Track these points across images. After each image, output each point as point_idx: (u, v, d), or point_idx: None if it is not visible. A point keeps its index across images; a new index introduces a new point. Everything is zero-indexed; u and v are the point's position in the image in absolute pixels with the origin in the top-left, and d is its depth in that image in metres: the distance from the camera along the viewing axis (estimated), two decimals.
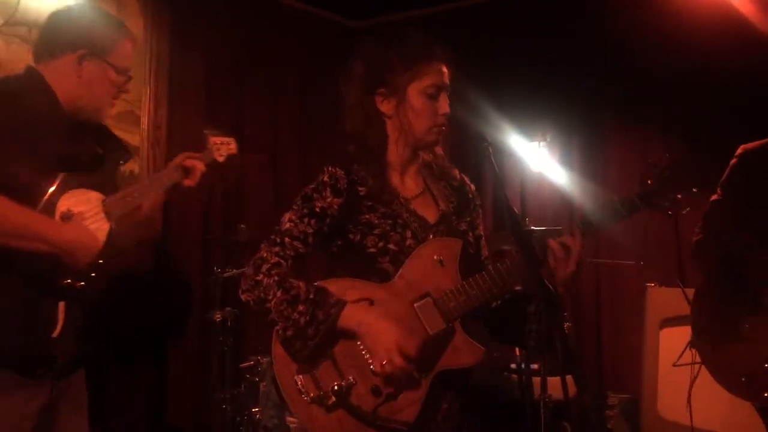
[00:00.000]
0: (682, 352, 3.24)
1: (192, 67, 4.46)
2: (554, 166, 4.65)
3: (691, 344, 2.94)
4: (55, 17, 2.14)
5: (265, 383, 3.66)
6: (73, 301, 2.00)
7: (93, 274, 2.02)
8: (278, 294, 1.78)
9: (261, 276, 1.81)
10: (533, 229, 3.54)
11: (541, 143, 4.55)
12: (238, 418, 3.75)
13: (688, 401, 3.19)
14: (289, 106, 5.09)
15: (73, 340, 2.05)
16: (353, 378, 1.76)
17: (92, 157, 2.15)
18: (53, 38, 2.10)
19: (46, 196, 1.98)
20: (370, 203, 1.87)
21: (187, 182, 2.36)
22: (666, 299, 3.66)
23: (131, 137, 4.11)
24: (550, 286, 1.55)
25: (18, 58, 3.68)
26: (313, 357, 1.77)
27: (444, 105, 1.89)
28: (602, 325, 4.58)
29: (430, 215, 1.92)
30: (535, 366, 3.76)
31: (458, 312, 1.79)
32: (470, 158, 2.60)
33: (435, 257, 1.83)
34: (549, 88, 4.64)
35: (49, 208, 1.99)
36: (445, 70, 1.91)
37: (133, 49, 2.22)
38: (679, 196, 1.83)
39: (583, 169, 4.72)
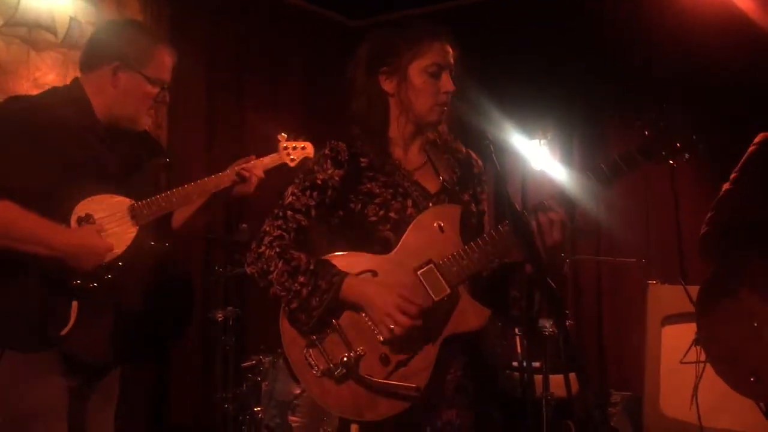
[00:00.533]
0: (688, 349, 3.21)
1: (192, 65, 4.45)
2: (555, 164, 4.65)
3: (697, 341, 2.91)
4: (96, 31, 2.31)
5: (267, 382, 3.66)
6: (88, 301, 2.08)
7: (108, 276, 2.11)
8: (279, 265, 1.82)
9: (263, 248, 1.85)
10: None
11: (542, 141, 4.55)
12: (240, 418, 3.75)
13: (694, 398, 3.16)
14: (290, 104, 5.08)
15: (102, 341, 2.15)
16: (362, 349, 1.78)
17: (125, 164, 2.23)
18: (92, 51, 2.24)
19: (66, 201, 2.09)
20: (371, 173, 1.90)
21: (241, 188, 2.44)
22: (668, 296, 3.66)
23: None
24: (553, 285, 1.54)
25: (18, 59, 3.69)
26: (321, 330, 1.79)
27: (447, 83, 1.90)
28: (604, 322, 4.58)
29: (432, 185, 1.94)
30: (536, 364, 3.77)
31: (462, 276, 1.79)
32: None
33: (435, 224, 1.84)
34: (550, 86, 4.64)
35: (66, 213, 2.09)
36: (449, 50, 1.92)
37: (171, 61, 2.31)
38: (678, 144, 1.84)
39: (584, 166, 4.69)
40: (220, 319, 3.79)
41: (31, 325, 2.03)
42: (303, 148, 2.75)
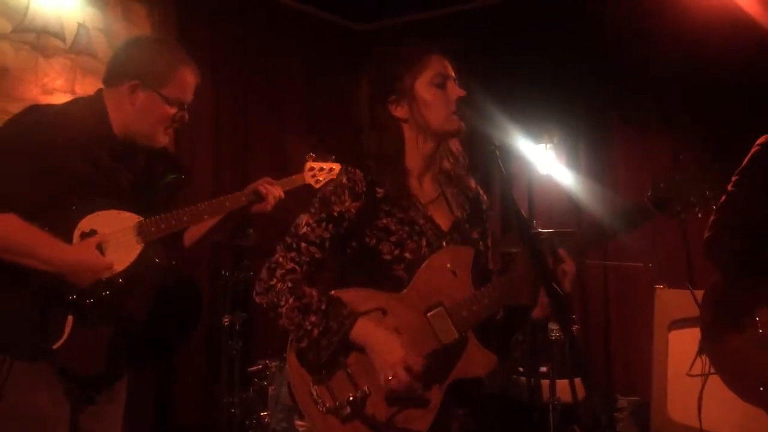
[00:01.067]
0: (693, 361, 3.18)
1: (198, 69, 4.47)
2: (561, 168, 4.65)
3: (701, 351, 2.87)
4: (121, 46, 2.28)
5: (273, 387, 3.66)
6: (84, 316, 2.07)
7: (106, 293, 2.10)
8: (290, 301, 1.80)
9: (275, 281, 1.83)
10: (541, 232, 3.56)
11: (548, 145, 4.55)
12: (247, 422, 3.75)
13: (699, 408, 3.14)
14: (294, 107, 5.10)
15: (98, 355, 2.14)
16: (367, 388, 1.77)
17: (136, 180, 2.22)
18: (113, 67, 2.24)
19: (70, 216, 2.09)
20: (387, 207, 1.87)
21: (259, 207, 2.42)
22: (675, 301, 3.65)
23: None
24: (559, 289, 1.54)
25: (26, 65, 3.71)
26: (328, 367, 1.78)
27: (454, 90, 1.89)
28: (611, 327, 4.57)
29: (444, 222, 1.92)
30: (543, 369, 3.76)
31: (471, 321, 1.79)
32: (478, 161, 2.59)
33: (448, 266, 1.83)
34: (555, 91, 4.64)
35: (70, 227, 2.09)
36: (445, 60, 1.93)
37: (194, 81, 2.29)
38: (692, 198, 1.85)
39: (590, 170, 4.71)
40: (226, 323, 3.79)
41: (26, 335, 2.03)
42: (330, 170, 2.70)
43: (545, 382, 3.66)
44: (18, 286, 2.03)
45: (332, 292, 1.84)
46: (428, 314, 1.79)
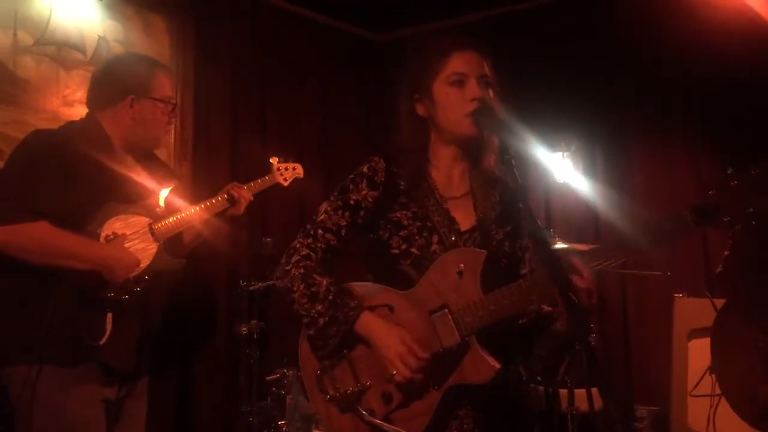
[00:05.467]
0: (700, 379, 3.18)
1: (217, 83, 4.52)
2: (578, 177, 4.63)
3: (711, 370, 2.86)
4: (102, 72, 2.48)
5: (291, 396, 3.67)
6: (121, 312, 2.24)
7: (137, 288, 2.29)
8: (301, 287, 1.84)
9: (290, 266, 1.87)
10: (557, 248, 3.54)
11: (565, 154, 4.54)
12: (265, 431, 3.76)
13: (712, 424, 3.12)
14: (312, 118, 5.12)
15: (131, 350, 2.32)
16: (368, 383, 1.79)
17: (141, 187, 2.43)
18: (105, 90, 2.43)
19: (93, 222, 2.28)
20: (404, 200, 1.86)
21: (232, 211, 2.65)
22: (694, 310, 3.60)
23: (158, 152, 4.17)
24: (575, 299, 1.52)
25: (48, 77, 3.77)
26: (334, 357, 1.82)
27: (473, 90, 1.83)
28: (630, 336, 4.53)
29: (465, 221, 1.88)
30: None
31: (474, 327, 1.75)
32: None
33: (457, 267, 1.79)
34: (572, 99, 4.63)
35: (94, 232, 2.28)
36: (474, 56, 1.87)
37: (169, 77, 2.52)
38: (750, 209, 1.59)
39: (608, 178, 4.69)
40: (244, 332, 3.81)
41: (70, 339, 2.17)
42: (294, 169, 3.07)
43: (564, 392, 3.65)
44: (50, 291, 2.16)
45: (346, 284, 1.87)
46: (432, 316, 1.78)
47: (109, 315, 2.22)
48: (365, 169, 1.89)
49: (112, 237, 2.29)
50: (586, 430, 3.46)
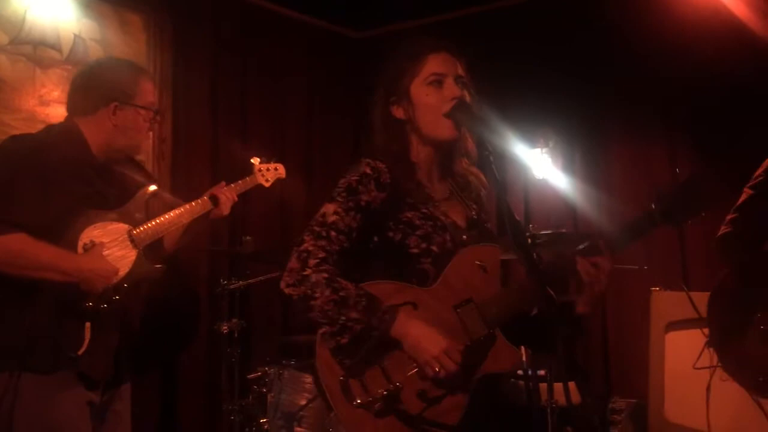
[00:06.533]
0: (701, 353, 3.23)
1: (196, 81, 4.50)
2: (557, 173, 4.67)
3: (709, 344, 2.96)
4: (84, 77, 2.45)
5: (272, 394, 3.67)
6: (99, 321, 2.23)
7: (116, 297, 2.27)
8: (326, 293, 1.74)
9: (309, 271, 1.76)
10: (537, 235, 3.57)
11: (544, 150, 4.56)
12: (247, 429, 3.76)
13: (706, 402, 3.19)
14: (294, 116, 5.11)
15: (109, 359, 2.31)
16: (400, 383, 1.76)
17: (120, 193, 2.42)
18: (86, 96, 2.41)
19: (71, 230, 2.25)
20: (411, 201, 1.86)
21: (217, 212, 2.64)
22: (670, 303, 3.65)
23: None
24: (552, 294, 1.55)
25: (24, 76, 3.73)
26: (366, 361, 1.77)
27: (451, 90, 1.85)
28: (608, 329, 4.58)
29: (460, 220, 1.93)
30: (541, 372, 3.77)
31: (500, 318, 1.79)
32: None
33: (477, 263, 1.83)
34: (551, 95, 4.65)
35: (72, 241, 2.25)
36: (449, 57, 1.89)
37: (152, 83, 2.51)
38: (701, 211, 1.76)
39: (586, 175, 4.73)
40: (225, 331, 3.81)
41: (49, 348, 2.16)
42: (276, 169, 3.02)
43: (543, 386, 3.68)
44: (34, 301, 2.16)
45: (362, 285, 1.81)
46: (458, 309, 1.80)
47: (88, 325, 2.20)
48: (368, 170, 1.84)
49: (90, 245, 2.26)
50: (565, 423, 3.50)
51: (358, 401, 1.75)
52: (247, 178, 2.89)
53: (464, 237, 1.88)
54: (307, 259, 1.77)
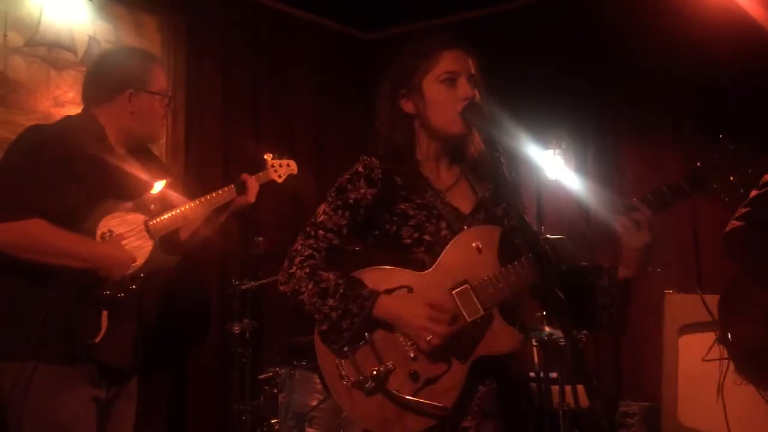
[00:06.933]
0: (711, 347, 3.25)
1: (209, 81, 4.52)
2: (570, 174, 4.65)
3: (720, 340, 2.97)
4: (99, 65, 2.48)
5: (284, 394, 3.68)
6: (116, 310, 2.24)
7: (133, 287, 2.29)
8: (309, 286, 1.83)
9: (294, 268, 1.86)
10: (549, 238, 3.56)
11: (557, 151, 4.55)
12: (258, 429, 3.77)
13: (719, 396, 3.18)
14: (305, 117, 5.13)
15: (127, 347, 2.33)
16: (392, 364, 1.79)
17: (137, 184, 2.43)
18: (102, 85, 2.42)
19: (89, 219, 2.27)
20: (405, 193, 1.88)
21: (243, 200, 2.68)
22: (684, 306, 3.64)
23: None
24: (561, 295, 1.54)
25: (38, 78, 3.76)
26: (353, 344, 1.81)
27: (464, 89, 1.86)
28: (623, 334, 4.55)
29: (466, 205, 1.91)
30: (553, 374, 3.76)
31: (496, 298, 1.78)
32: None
33: (474, 244, 1.82)
34: (564, 96, 4.64)
35: (90, 230, 2.27)
36: (463, 55, 1.89)
37: (163, 70, 2.53)
38: (732, 178, 1.75)
39: (599, 176, 4.70)
40: (236, 331, 3.83)
41: (65, 336, 2.17)
42: (288, 165, 3.05)
43: (555, 388, 3.67)
44: (49, 289, 2.17)
45: (355, 273, 1.86)
46: (454, 291, 1.79)
47: (105, 313, 2.22)
48: (360, 168, 1.90)
49: (108, 234, 2.28)
50: (573, 425, 3.48)
51: (352, 381, 1.79)
52: (260, 173, 2.90)
53: (465, 227, 1.86)
54: (295, 257, 1.88)
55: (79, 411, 2.21)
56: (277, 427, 3.68)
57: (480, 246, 1.82)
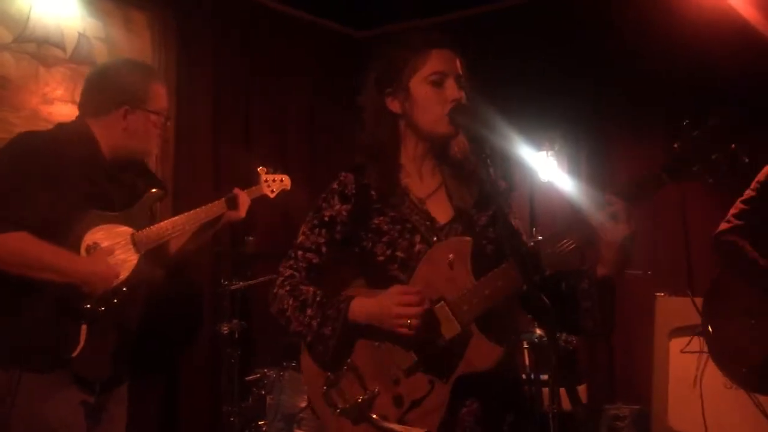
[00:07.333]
0: (690, 340, 3.37)
1: (199, 79, 4.49)
2: (563, 176, 4.63)
3: (699, 333, 3.10)
4: (97, 77, 2.44)
5: (272, 396, 3.66)
6: (96, 323, 2.22)
7: (115, 301, 2.26)
8: (290, 302, 1.86)
9: (276, 289, 1.90)
10: (535, 241, 3.54)
11: (550, 152, 4.54)
12: (246, 431, 3.75)
13: (697, 385, 3.32)
14: (296, 117, 5.10)
15: (105, 360, 2.30)
16: (377, 389, 1.79)
17: (127, 196, 2.41)
18: (99, 97, 2.39)
19: (75, 231, 2.24)
20: (379, 206, 1.85)
21: (234, 215, 2.65)
22: (675, 309, 3.63)
23: None
24: (546, 300, 1.51)
25: (27, 75, 3.73)
26: (337, 369, 1.82)
27: (452, 90, 1.82)
28: (612, 335, 4.54)
29: (443, 215, 1.86)
30: (544, 377, 3.75)
31: (472, 314, 1.74)
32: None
33: (447, 258, 1.78)
34: (557, 98, 4.63)
35: (76, 242, 2.24)
36: (450, 56, 1.86)
37: (164, 88, 2.49)
38: (713, 156, 1.61)
39: (592, 177, 4.70)
40: (226, 332, 3.80)
41: (45, 347, 2.16)
42: (281, 180, 3.03)
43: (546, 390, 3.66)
44: (33, 300, 2.15)
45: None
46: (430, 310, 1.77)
47: (84, 327, 2.19)
48: (335, 186, 1.91)
49: (93, 247, 2.26)
50: (563, 429, 3.47)
51: (340, 408, 1.80)
52: (253, 188, 2.89)
53: (437, 238, 1.82)
54: (277, 279, 1.93)
55: (67, 415, 2.19)
56: (265, 428, 3.66)
57: (452, 260, 1.78)
